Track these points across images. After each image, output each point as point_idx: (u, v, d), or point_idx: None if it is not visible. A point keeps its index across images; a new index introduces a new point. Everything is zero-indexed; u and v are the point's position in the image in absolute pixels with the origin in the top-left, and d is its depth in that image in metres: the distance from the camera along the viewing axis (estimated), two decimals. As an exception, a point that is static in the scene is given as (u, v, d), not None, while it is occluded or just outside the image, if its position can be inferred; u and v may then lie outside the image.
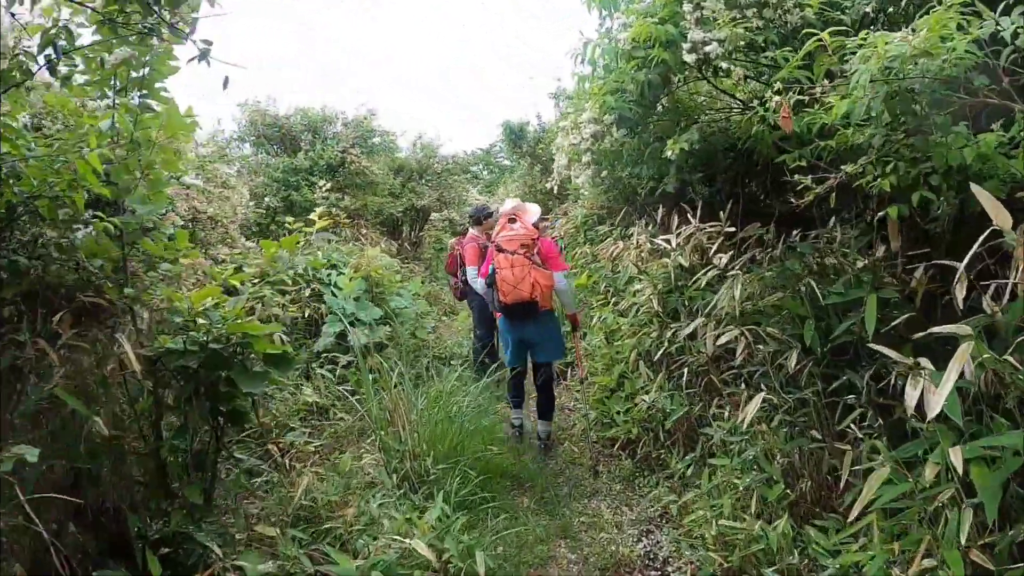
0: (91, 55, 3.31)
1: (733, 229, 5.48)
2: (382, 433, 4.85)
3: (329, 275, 8.11)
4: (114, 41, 3.14)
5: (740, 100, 5.20)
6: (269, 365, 3.60)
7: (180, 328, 3.42)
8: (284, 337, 5.83)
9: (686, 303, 5.47)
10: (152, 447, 3.58)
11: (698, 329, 4.94)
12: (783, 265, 4.28)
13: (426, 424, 4.98)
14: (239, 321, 3.52)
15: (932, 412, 2.42)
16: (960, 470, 2.52)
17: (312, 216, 4.67)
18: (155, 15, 2.93)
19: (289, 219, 5.59)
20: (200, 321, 3.48)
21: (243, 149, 12.85)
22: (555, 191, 10.13)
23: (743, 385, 4.44)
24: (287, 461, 4.92)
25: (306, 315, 7.64)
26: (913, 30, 2.70)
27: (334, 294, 7.61)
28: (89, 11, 3.00)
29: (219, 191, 6.78)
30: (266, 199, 10.31)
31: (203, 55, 3.04)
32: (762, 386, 4.21)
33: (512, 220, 5.71)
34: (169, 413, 3.74)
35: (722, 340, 4.32)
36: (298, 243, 4.41)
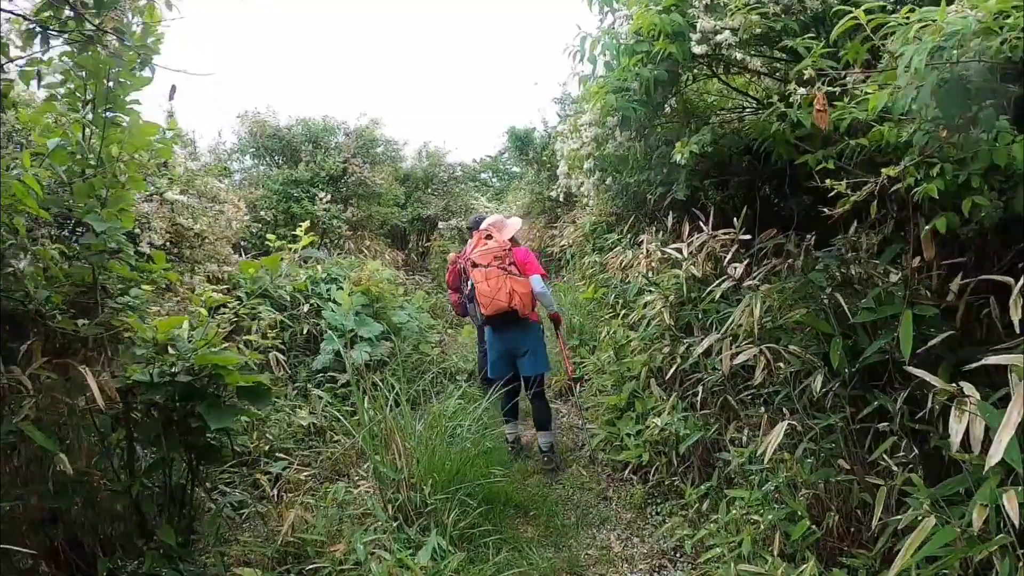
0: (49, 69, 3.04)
1: (748, 237, 5.17)
2: (377, 460, 4.54)
3: (328, 290, 7.84)
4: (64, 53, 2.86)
5: (754, 98, 4.87)
6: (243, 398, 3.30)
7: (148, 359, 3.11)
8: (261, 365, 5.56)
9: (699, 316, 5.16)
10: (125, 484, 3.30)
11: (713, 345, 4.63)
12: (806, 277, 3.95)
13: (424, 449, 4.68)
14: (211, 351, 3.20)
15: (992, 459, 2.08)
16: (1016, 518, 2.19)
17: (298, 231, 4.28)
18: (93, 21, 2.62)
19: (271, 237, 5.26)
20: (171, 351, 3.18)
21: (244, 161, 12.63)
22: (561, 199, 9.94)
23: (763, 407, 4.11)
24: (276, 492, 4.63)
25: (304, 331, 7.38)
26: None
27: (333, 310, 7.32)
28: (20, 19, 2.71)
29: (210, 206, 6.50)
30: (261, 212, 10.03)
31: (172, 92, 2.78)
32: (783, 410, 3.89)
33: (488, 237, 5.70)
34: (143, 448, 3.44)
35: (740, 359, 4.00)
36: (282, 261, 4.05)
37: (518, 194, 15.39)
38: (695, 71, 4.51)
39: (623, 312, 6.60)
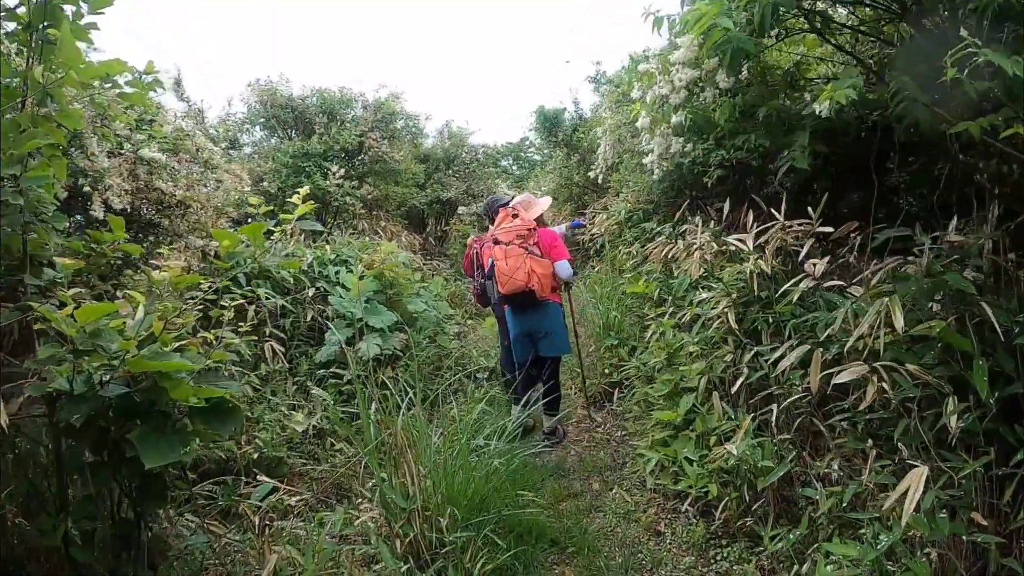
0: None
1: (829, 229, 4.35)
2: (384, 482, 3.74)
3: (337, 272, 7.03)
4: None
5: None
6: (199, 419, 2.47)
7: (61, 360, 2.26)
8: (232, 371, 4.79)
9: (770, 320, 4.35)
10: (51, 523, 2.50)
11: (787, 353, 3.82)
12: (939, 278, 3.10)
13: (443, 471, 3.87)
14: (149, 354, 2.34)
15: None
16: None
17: (294, 199, 3.44)
18: None
19: (253, 200, 4.44)
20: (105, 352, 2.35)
21: (253, 133, 11.82)
22: (599, 180, 9.09)
23: (869, 439, 3.28)
24: (259, 520, 3.84)
25: (309, 318, 6.58)
26: None
27: (341, 295, 6.52)
28: None
29: (202, 172, 5.69)
30: (265, 184, 9.19)
31: None
32: (900, 446, 3.06)
33: (515, 216, 5.58)
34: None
35: (843, 377, 3.15)
36: (268, 233, 3.23)
37: (545, 178, 14.53)
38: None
39: (671, 309, 5.76)
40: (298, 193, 3.50)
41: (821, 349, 3.56)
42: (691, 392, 4.61)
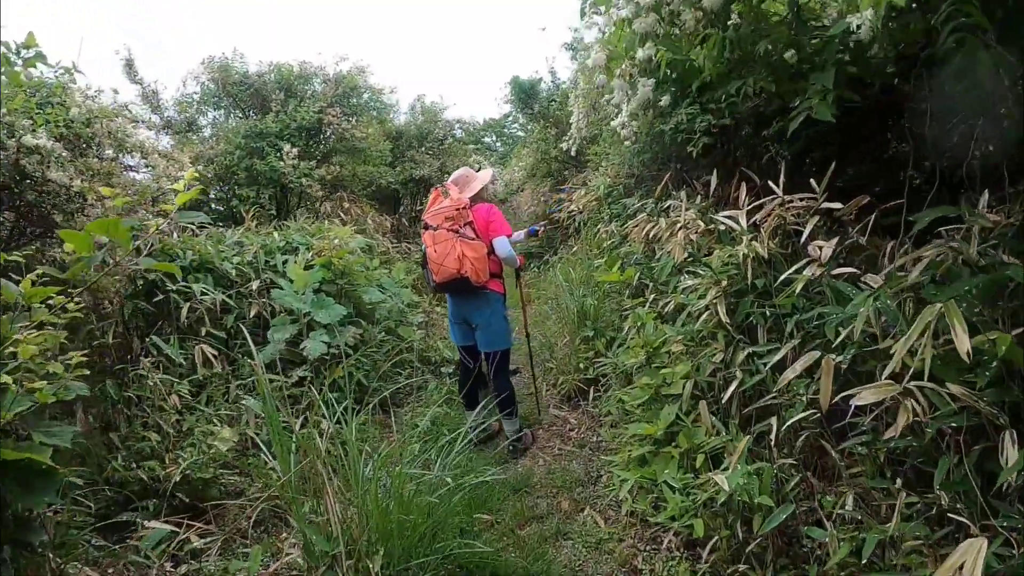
0: None
1: (837, 205, 3.74)
2: (303, 520, 3.09)
3: (286, 262, 6.33)
4: None
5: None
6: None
7: None
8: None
9: (767, 314, 3.71)
10: None
11: (792, 361, 3.19)
12: (999, 273, 2.43)
13: (377, 501, 3.21)
14: None
15: None
16: None
17: (176, 185, 2.72)
18: None
19: (104, 190, 3.72)
20: None
21: (207, 114, 10.98)
22: (572, 153, 8.38)
23: (896, 480, 2.64)
24: (162, 564, 3.18)
25: (253, 314, 5.89)
26: None
27: (283, 288, 5.83)
28: None
29: (112, 159, 4.97)
30: (202, 167, 8.40)
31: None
32: (940, 492, 2.41)
33: (446, 194, 4.90)
34: None
35: (865, 398, 2.50)
36: (133, 230, 2.53)
37: (522, 153, 13.82)
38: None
39: (652, 297, 5.11)
40: (181, 178, 2.82)
41: (833, 355, 2.91)
42: (674, 400, 3.95)
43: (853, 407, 2.62)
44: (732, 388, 3.71)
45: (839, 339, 2.90)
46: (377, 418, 5.35)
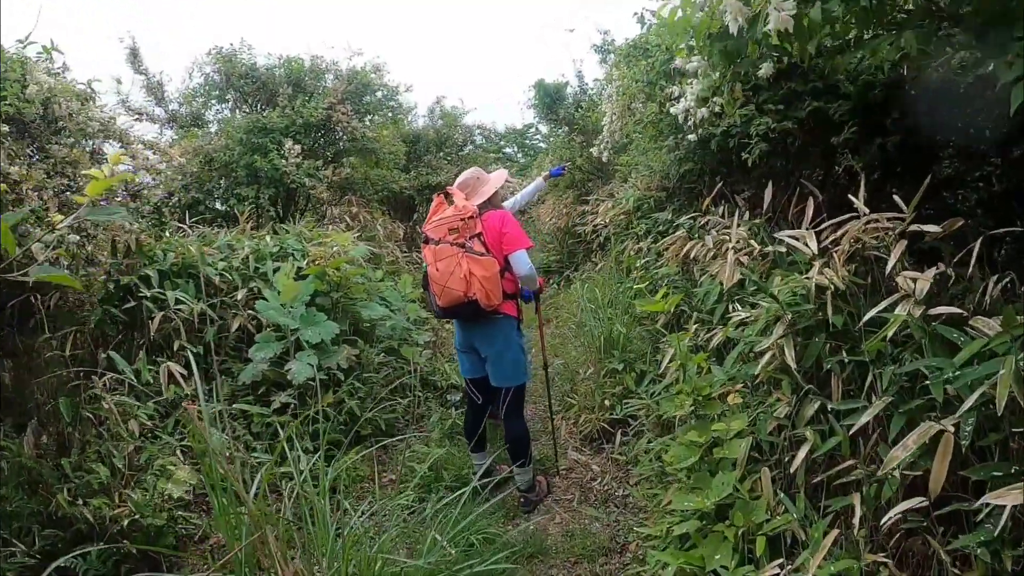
0: None
1: (933, 228, 3.04)
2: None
3: (277, 270, 5.63)
4: None
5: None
6: None
7: None
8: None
9: (846, 361, 2.99)
10: None
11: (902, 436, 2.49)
12: None
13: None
14: None
15: None
16: None
17: (92, 171, 2.01)
18: None
19: (18, 171, 3.00)
20: None
21: (211, 107, 10.28)
22: (605, 159, 7.64)
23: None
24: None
25: (236, 327, 5.19)
26: None
27: (269, 300, 5.13)
28: None
29: (72, 144, 4.28)
30: (190, 165, 7.67)
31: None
32: None
33: (448, 199, 4.00)
34: None
35: (1004, 499, 1.76)
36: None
37: (544, 163, 13.10)
38: None
39: (695, 327, 4.36)
40: (98, 167, 2.12)
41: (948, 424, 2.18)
42: (728, 465, 3.17)
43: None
44: (802, 453, 2.97)
45: (965, 406, 2.14)
46: (370, 453, 4.62)
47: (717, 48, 2.90)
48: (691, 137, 4.18)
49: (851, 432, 2.81)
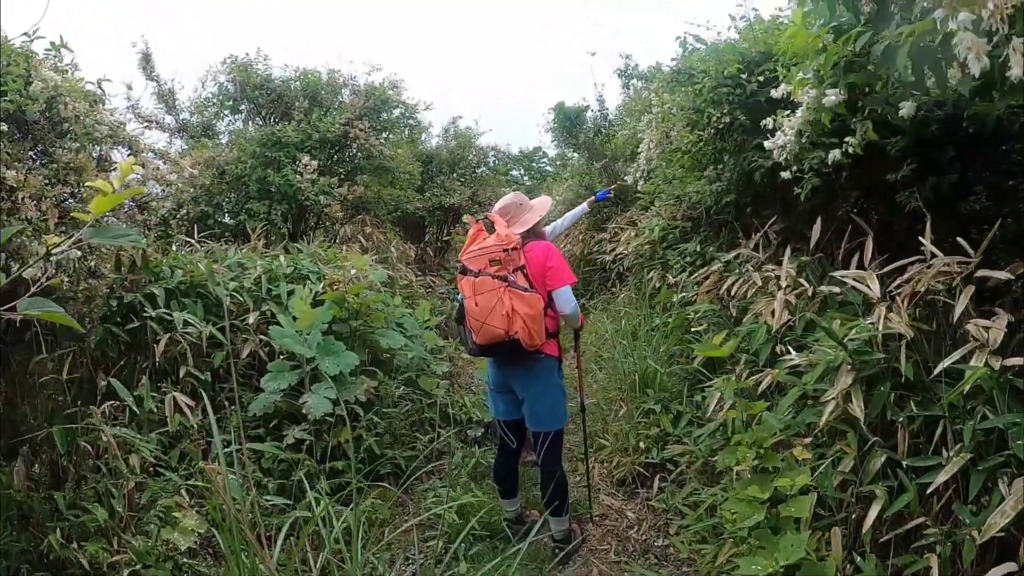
0: None
1: (1004, 275, 3.00)
2: None
3: (291, 293, 5.36)
4: None
5: None
6: None
7: None
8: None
9: (912, 416, 2.78)
10: None
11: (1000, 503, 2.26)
12: None
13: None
14: None
15: None
16: None
17: (98, 183, 1.71)
18: None
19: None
20: None
21: (224, 117, 10.05)
22: (640, 188, 7.42)
23: None
24: None
25: (247, 353, 4.92)
26: None
27: (283, 326, 4.86)
28: None
29: (78, 148, 4.02)
30: (204, 180, 7.40)
31: None
32: None
33: (491, 229, 3.76)
34: None
35: None
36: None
37: (560, 186, 12.87)
38: None
39: (743, 370, 4.08)
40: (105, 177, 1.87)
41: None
42: (791, 522, 2.90)
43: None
44: (874, 512, 2.75)
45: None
46: (390, 495, 4.35)
47: (850, 79, 2.68)
48: (784, 174, 3.89)
49: (929, 491, 2.59)
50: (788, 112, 3.51)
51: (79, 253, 4.08)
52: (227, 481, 2.37)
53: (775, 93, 3.55)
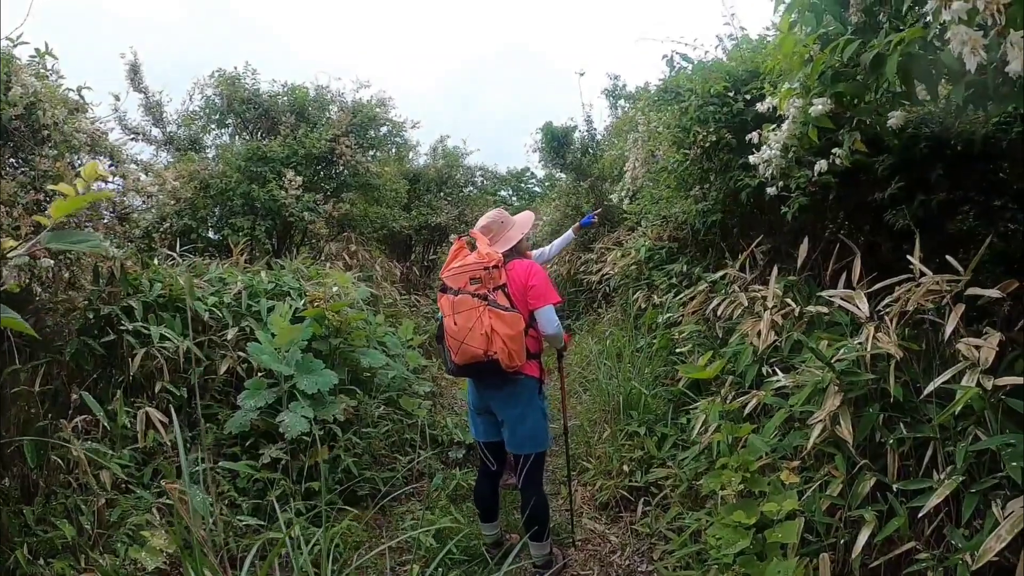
0: None
1: (995, 293, 2.90)
2: None
3: (271, 309, 5.26)
4: None
5: None
6: None
7: None
8: None
9: (902, 439, 2.73)
10: None
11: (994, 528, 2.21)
12: None
13: None
14: None
15: None
16: None
17: (60, 187, 1.64)
18: None
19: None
20: None
21: (210, 130, 9.98)
22: (626, 207, 7.38)
23: None
24: None
25: (225, 369, 4.81)
26: None
27: (261, 343, 4.76)
28: None
29: (55, 156, 3.95)
30: (188, 193, 7.29)
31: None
32: None
33: (472, 246, 3.67)
34: None
35: None
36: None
37: (548, 207, 12.84)
38: None
39: (729, 392, 4.01)
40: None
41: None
42: (777, 548, 2.82)
43: None
44: (863, 537, 2.69)
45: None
46: (367, 515, 4.25)
47: (838, 88, 2.63)
48: (770, 190, 3.83)
49: (920, 514, 2.53)
50: (774, 126, 3.47)
51: (51, 262, 4.00)
52: (191, 501, 2.27)
53: (760, 107, 3.51)
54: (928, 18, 1.85)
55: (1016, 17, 1.59)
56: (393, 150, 11.16)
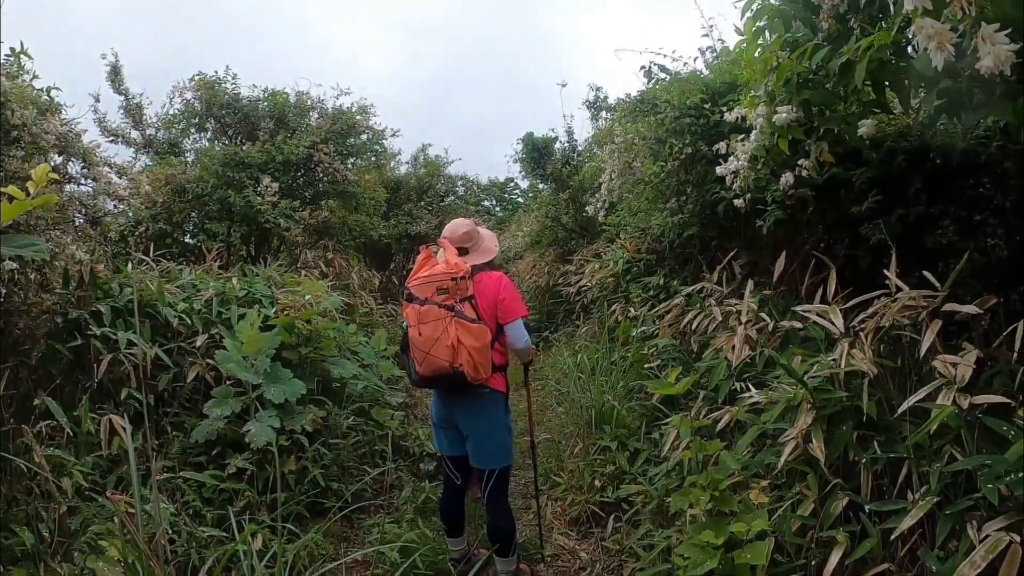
0: None
1: (973, 309, 2.86)
2: None
3: (242, 316, 5.17)
4: None
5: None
6: None
7: None
8: None
9: (875, 457, 2.69)
10: None
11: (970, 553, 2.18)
12: None
13: None
14: None
15: None
16: None
17: (8, 188, 1.58)
18: None
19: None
20: None
21: (190, 134, 9.91)
22: (602, 218, 7.36)
23: None
24: None
25: (193, 376, 4.72)
26: None
27: (229, 351, 4.67)
28: None
29: (23, 158, 3.90)
30: (159, 198, 7.21)
31: None
32: None
33: (437, 253, 3.60)
34: None
35: None
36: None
37: (526, 218, 12.82)
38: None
39: (701, 407, 3.96)
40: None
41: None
42: (749, 573, 2.76)
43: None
44: (834, 559, 2.64)
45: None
46: (335, 527, 4.17)
47: (804, 96, 2.58)
48: (737, 203, 3.81)
49: (893, 536, 2.49)
50: (742, 136, 3.44)
51: (14, 264, 3.92)
52: (144, 512, 2.19)
53: (729, 116, 3.49)
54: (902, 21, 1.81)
55: (985, 7, 1.54)
56: (372, 158, 11.08)
